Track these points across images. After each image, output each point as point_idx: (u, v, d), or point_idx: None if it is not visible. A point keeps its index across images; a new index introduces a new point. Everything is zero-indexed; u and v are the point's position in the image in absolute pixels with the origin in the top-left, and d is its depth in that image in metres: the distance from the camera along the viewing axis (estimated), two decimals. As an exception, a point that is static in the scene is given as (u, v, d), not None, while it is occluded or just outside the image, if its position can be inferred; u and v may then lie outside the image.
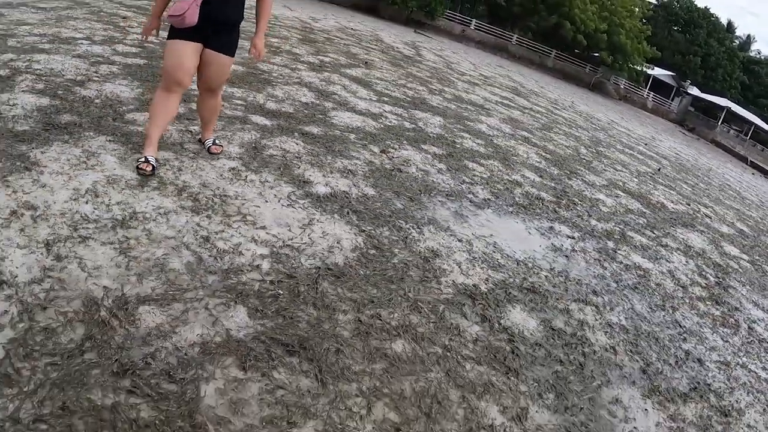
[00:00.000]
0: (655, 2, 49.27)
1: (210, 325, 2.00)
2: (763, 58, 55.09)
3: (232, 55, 3.25)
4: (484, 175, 5.01)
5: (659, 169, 9.83)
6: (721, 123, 38.58)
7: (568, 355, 2.57)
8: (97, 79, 4.67)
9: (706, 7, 49.07)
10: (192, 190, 3.01)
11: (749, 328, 3.87)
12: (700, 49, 47.10)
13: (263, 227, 2.85)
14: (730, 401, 2.76)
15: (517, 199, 4.65)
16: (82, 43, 5.96)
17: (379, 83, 8.16)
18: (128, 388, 1.63)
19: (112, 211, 2.56)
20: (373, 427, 1.76)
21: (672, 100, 41.73)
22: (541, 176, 5.70)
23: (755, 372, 3.20)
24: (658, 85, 41.20)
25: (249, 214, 2.94)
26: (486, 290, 2.88)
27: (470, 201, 4.21)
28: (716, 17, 50.13)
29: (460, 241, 3.40)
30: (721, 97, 42.12)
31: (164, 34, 3.21)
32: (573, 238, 4.17)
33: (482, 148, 6.07)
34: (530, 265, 3.40)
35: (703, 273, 4.68)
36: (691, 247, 5.30)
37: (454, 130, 6.50)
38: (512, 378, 2.24)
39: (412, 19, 27.92)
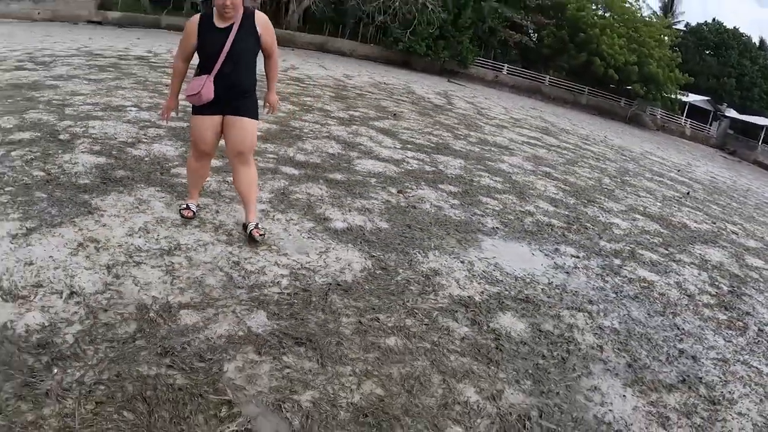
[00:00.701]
0: (684, 29, 49.22)
1: (235, 324, 2.48)
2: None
3: (254, 118, 3.42)
4: (497, 208, 5.42)
5: (688, 193, 9.94)
6: (762, 143, 37.72)
7: (552, 351, 2.91)
8: (145, 140, 5.39)
9: (735, 28, 48.55)
10: (227, 227, 3.56)
11: (759, 330, 4.00)
12: (733, 71, 46.50)
13: (285, 254, 3.35)
14: (722, 392, 2.97)
15: (526, 226, 5.02)
16: (130, 110, 6.80)
17: (405, 132, 8.73)
18: (168, 364, 2.12)
19: (160, 243, 3.13)
20: (360, 398, 2.17)
21: (710, 125, 41.28)
22: (555, 206, 6.05)
23: (757, 368, 3.35)
24: (694, 112, 40.91)
25: (274, 245, 3.45)
26: (480, 300, 3.27)
27: (478, 230, 4.61)
28: (747, 36, 49.48)
29: (461, 262, 3.81)
30: (760, 116, 41.29)
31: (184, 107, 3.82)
32: (577, 257, 4.49)
33: (499, 184, 6.48)
34: (528, 280, 3.76)
35: (716, 283, 4.86)
36: (708, 261, 5.47)
37: (473, 170, 6.94)
38: (492, 367, 2.62)
39: (445, 69, 28.89)
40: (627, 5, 34.84)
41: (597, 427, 2.36)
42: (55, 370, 2.04)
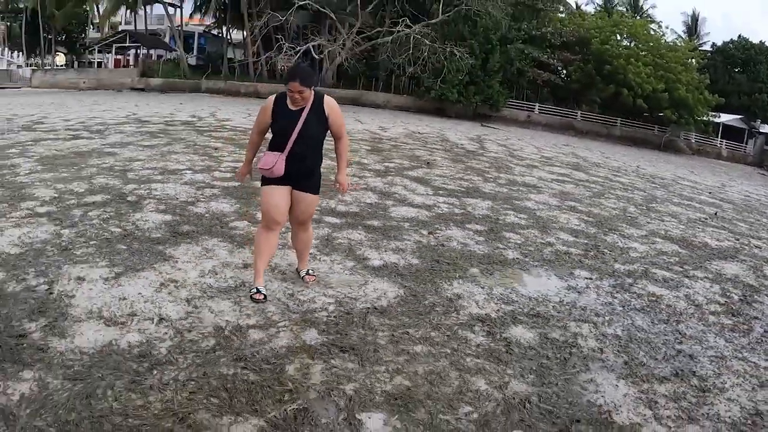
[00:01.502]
0: (711, 49, 49.15)
1: (293, 339, 3.18)
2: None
3: (317, 194, 3.88)
4: (519, 241, 6.03)
5: (716, 214, 10.24)
6: None
7: (556, 354, 3.49)
8: (203, 199, 6.25)
9: (761, 42, 48.21)
10: (281, 268, 4.31)
11: (765, 332, 4.38)
12: (764, 85, 45.99)
13: (331, 287, 4.05)
14: (713, 383, 3.41)
15: (544, 256, 5.61)
16: (186, 173, 7.74)
17: (438, 179, 9.46)
18: (242, 366, 2.84)
19: (227, 281, 3.89)
20: (392, 387, 2.82)
21: (746, 143, 41.05)
22: (575, 236, 6.60)
23: (755, 363, 3.75)
24: (728, 131, 40.91)
25: (321, 281, 4.16)
26: (495, 317, 3.89)
27: (499, 261, 5.23)
28: None
29: (482, 288, 4.43)
30: None
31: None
32: (590, 278, 5.05)
33: (523, 220, 7.09)
34: (541, 299, 4.36)
35: (727, 294, 5.23)
36: (722, 275, 5.85)
37: (500, 210, 7.57)
38: (502, 366, 3.22)
39: (478, 114, 29.83)
40: (651, 33, 35.44)
41: (588, 408, 2.92)
42: (155, 372, 2.76)
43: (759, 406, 3.22)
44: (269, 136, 3.88)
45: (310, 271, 4.14)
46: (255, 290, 3.71)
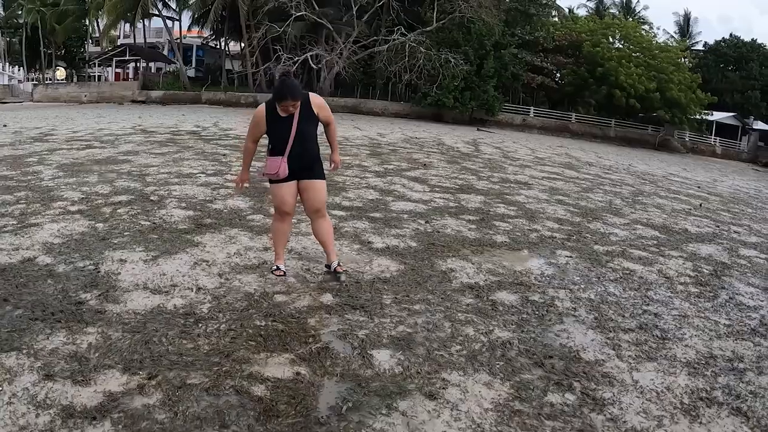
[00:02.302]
0: (703, 48, 50.05)
1: (312, 301, 3.81)
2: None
3: (323, 179, 4.23)
4: (507, 228, 6.65)
5: (700, 205, 10.84)
6: None
7: (535, 311, 4.10)
8: (220, 198, 6.88)
9: (753, 40, 49.12)
10: (296, 250, 4.94)
11: (729, 298, 4.91)
12: (757, 83, 46.94)
13: (342, 264, 4.66)
14: (674, 334, 4.00)
15: (530, 239, 6.24)
16: (199, 177, 8.36)
17: (434, 179, 10.09)
18: (272, 319, 3.47)
19: (252, 260, 4.53)
20: (395, 333, 3.44)
21: (739, 140, 41.79)
22: (560, 224, 7.23)
23: (715, 321, 4.34)
24: (722, 129, 41.86)
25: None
26: (483, 284, 4.51)
27: (488, 244, 5.86)
28: (765, 46, 49.86)
29: (472, 264, 5.06)
30: None
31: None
32: (570, 257, 5.67)
33: (512, 212, 7.71)
34: (524, 272, 4.98)
35: (699, 269, 5.81)
36: (697, 255, 6.44)
37: (491, 203, 8.20)
38: (488, 319, 3.84)
39: (474, 119, 30.56)
40: (643, 34, 36.23)
41: (560, 348, 3.53)
42: (200, 325, 3.38)
43: (713, 351, 3.81)
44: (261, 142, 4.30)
45: (341, 263, 4.38)
46: (275, 267, 4.27)
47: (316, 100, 4.11)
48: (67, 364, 2.93)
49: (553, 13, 41.07)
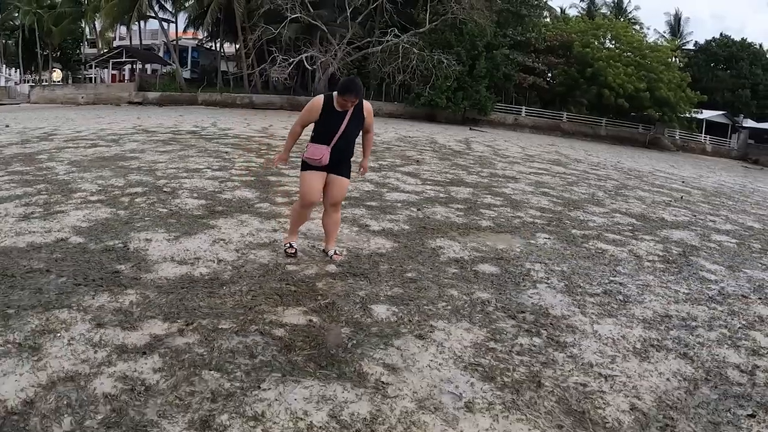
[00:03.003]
0: (694, 47, 50.97)
1: (319, 270, 4.41)
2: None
3: (349, 177, 4.65)
4: (492, 215, 7.27)
5: (681, 197, 11.48)
6: None
7: (512, 279, 4.72)
8: (228, 189, 7.47)
9: (743, 39, 50.10)
10: (302, 231, 5.51)
11: (693, 273, 5.50)
12: (747, 81, 47.94)
13: (342, 243, 5.27)
14: (636, 299, 4.58)
15: (513, 224, 6.86)
16: (206, 171, 8.93)
17: (426, 173, 10.70)
18: (285, 283, 4.06)
19: (263, 239, 5.14)
20: (391, 293, 4.05)
21: (730, 138, 42.65)
22: (543, 212, 7.85)
23: (676, 290, 4.93)
24: (712, 127, 42.81)
25: (337, 240, 5.38)
26: (468, 258, 5.12)
27: (474, 228, 6.47)
28: (756, 46, 50.86)
29: (459, 243, 5.67)
30: None
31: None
32: (549, 238, 6.29)
33: (498, 202, 8.33)
34: (505, 250, 5.59)
35: (669, 250, 6.43)
36: (669, 239, 7.07)
37: (479, 194, 8.82)
38: (470, 284, 4.45)
39: (467, 118, 31.24)
40: (632, 34, 36.99)
41: (532, 306, 4.14)
42: (224, 287, 3.97)
43: (670, 312, 4.41)
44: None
45: (337, 251, 4.82)
46: (288, 245, 4.75)
47: (368, 107, 4.54)
48: (114, 316, 3.51)
49: (545, 14, 41.86)
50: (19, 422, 2.43)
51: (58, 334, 3.22)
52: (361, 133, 4.65)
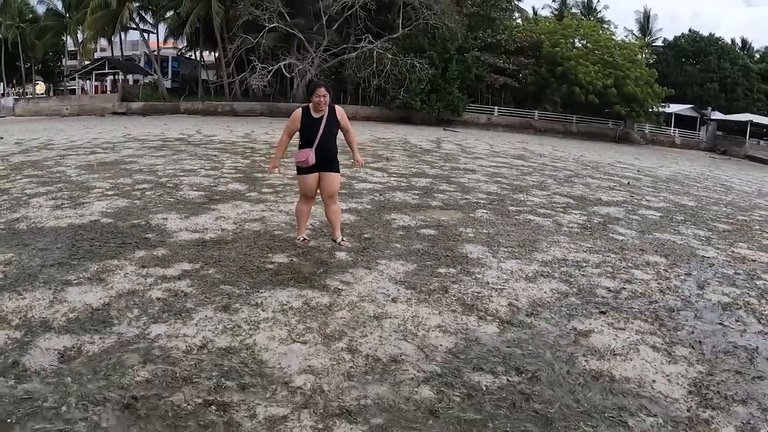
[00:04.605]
0: (662, 44, 53.30)
1: (295, 235, 5.95)
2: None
3: (338, 172, 5.58)
4: (443, 198, 8.86)
5: (628, 183, 13.01)
6: (750, 137, 41.44)
7: (446, 238, 6.27)
8: (222, 184, 8.99)
9: (711, 34, 52.54)
10: (285, 211, 7.06)
11: (604, 235, 7.02)
12: (715, 75, 50.29)
13: (314, 217, 6.80)
14: (543, 249, 6.08)
15: (458, 204, 8.45)
16: (200, 171, 10.42)
17: (393, 168, 12.27)
18: (272, 240, 5.60)
19: (255, 217, 6.70)
20: (350, 246, 5.60)
21: (698, 130, 44.87)
22: (489, 195, 9.45)
23: (581, 244, 6.47)
24: (682, 121, 45.10)
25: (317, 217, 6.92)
26: (413, 225, 6.70)
27: (425, 207, 8.05)
28: (723, 40, 53.36)
29: (409, 216, 7.25)
30: (744, 114, 45.03)
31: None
32: (485, 212, 7.88)
33: (452, 188, 9.93)
34: (445, 219, 7.18)
35: (591, 221, 7.94)
36: (596, 212, 8.61)
37: (437, 183, 10.40)
38: (410, 241, 6.02)
39: (441, 119, 32.96)
40: (600, 33, 38.98)
41: (455, 252, 5.70)
42: (227, 245, 5.51)
43: (567, 257, 5.94)
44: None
45: (344, 239, 5.72)
46: (302, 238, 5.72)
47: (340, 110, 5.55)
48: (152, 262, 5.02)
49: (516, 16, 43.77)
50: (102, 314, 3.92)
51: (116, 273, 4.73)
52: (343, 135, 5.61)
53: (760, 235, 8.07)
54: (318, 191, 5.65)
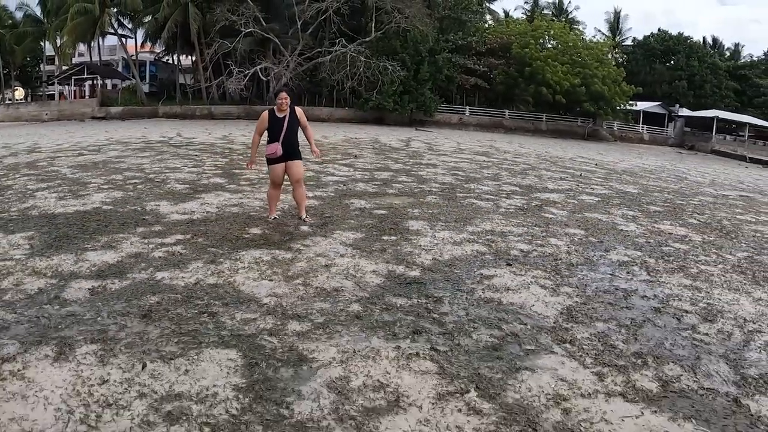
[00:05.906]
0: (632, 43, 55.36)
1: (268, 215, 7.26)
2: (749, 61, 59.43)
3: (301, 159, 6.80)
4: (400, 187, 10.20)
5: (580, 174, 14.30)
6: (716, 133, 43.51)
7: (394, 217, 7.60)
8: (204, 179, 10.26)
9: (680, 33, 54.77)
10: (259, 197, 8.34)
11: (536, 214, 8.42)
12: (683, 73, 52.37)
13: (282, 203, 8.10)
14: (476, 224, 7.41)
15: (412, 191, 9.79)
16: (183, 168, 11.68)
17: (360, 164, 13.59)
18: (249, 220, 6.91)
19: (234, 203, 8.00)
20: (313, 221, 6.92)
21: (666, 127, 46.81)
22: (442, 185, 10.80)
23: (514, 220, 7.83)
24: (650, 118, 47.08)
25: (287, 201, 8.21)
26: (369, 207, 8.03)
27: (381, 194, 9.39)
28: (692, 39, 55.70)
29: (366, 202, 8.57)
30: (711, 110, 47.19)
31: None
32: (435, 198, 9.22)
33: (410, 180, 11.27)
34: (397, 204, 8.51)
35: (529, 204, 9.33)
36: (537, 197, 9.98)
37: (397, 176, 11.74)
38: (363, 218, 7.34)
39: (414, 120, 34.37)
40: (569, 33, 40.72)
41: (398, 226, 7.03)
42: (212, 222, 6.79)
43: (495, 229, 7.28)
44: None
45: (308, 216, 7.06)
46: (272, 217, 6.99)
47: (299, 110, 6.86)
48: (151, 235, 6.28)
49: (487, 18, 45.40)
50: (118, 267, 5.18)
51: (123, 242, 5.99)
52: (302, 132, 6.88)
53: (690, 216, 9.35)
54: (286, 177, 6.91)
